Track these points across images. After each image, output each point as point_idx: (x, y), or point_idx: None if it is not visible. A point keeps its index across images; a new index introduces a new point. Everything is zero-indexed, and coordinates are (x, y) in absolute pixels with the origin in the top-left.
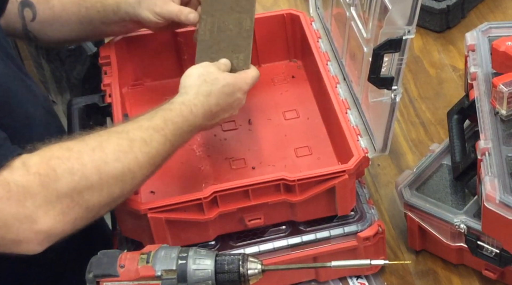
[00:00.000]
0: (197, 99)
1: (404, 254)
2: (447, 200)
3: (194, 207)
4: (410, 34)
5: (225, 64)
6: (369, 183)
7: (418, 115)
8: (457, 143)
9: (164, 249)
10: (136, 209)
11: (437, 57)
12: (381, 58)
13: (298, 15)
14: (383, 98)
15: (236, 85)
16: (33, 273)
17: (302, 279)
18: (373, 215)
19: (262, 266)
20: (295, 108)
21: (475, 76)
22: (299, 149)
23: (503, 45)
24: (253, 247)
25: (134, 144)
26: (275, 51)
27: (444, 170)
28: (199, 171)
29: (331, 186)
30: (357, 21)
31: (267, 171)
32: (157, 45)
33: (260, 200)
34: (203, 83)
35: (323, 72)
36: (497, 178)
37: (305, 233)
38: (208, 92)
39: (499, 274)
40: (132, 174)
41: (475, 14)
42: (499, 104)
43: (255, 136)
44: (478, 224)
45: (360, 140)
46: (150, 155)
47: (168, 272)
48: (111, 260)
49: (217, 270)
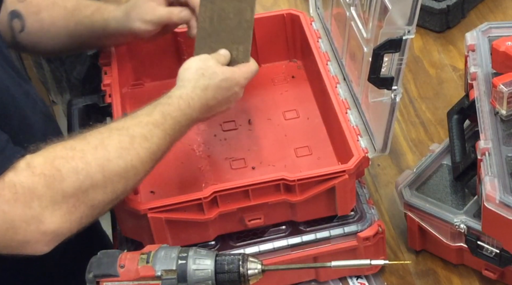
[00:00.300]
0: (194, 93)
1: (404, 254)
2: (447, 200)
3: (194, 207)
4: (410, 34)
5: (225, 56)
6: (369, 183)
7: (418, 115)
8: (457, 143)
9: (164, 249)
10: (136, 209)
11: (437, 57)
12: (381, 58)
13: (298, 15)
14: (383, 98)
15: (234, 80)
16: (32, 274)
17: (302, 279)
18: (373, 215)
19: (262, 266)
20: (295, 108)
21: (475, 76)
22: (299, 149)
23: (503, 45)
24: (253, 247)
25: (135, 141)
26: (275, 51)
27: (444, 170)
28: (199, 171)
29: (331, 186)
30: (357, 21)
31: (267, 171)
32: (157, 45)
33: (260, 200)
34: (201, 77)
35: (323, 72)
36: (497, 178)
37: (305, 233)
38: (205, 86)
39: (499, 274)
40: (134, 170)
41: (475, 14)
42: (499, 104)
43: (255, 136)
44: (478, 224)
45: (360, 140)
46: (151, 151)
47: (168, 272)
48: (111, 260)
49: (217, 270)
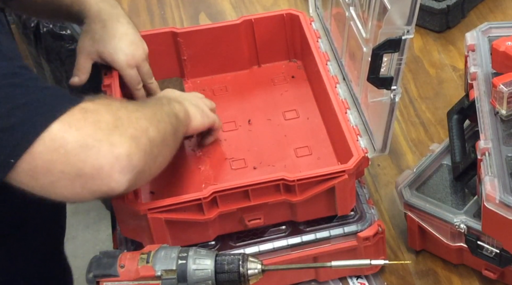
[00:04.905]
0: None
1: (404, 254)
2: (447, 200)
3: (194, 207)
4: (409, 34)
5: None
6: (369, 183)
7: (418, 115)
8: (457, 143)
9: (164, 249)
10: (136, 209)
11: (437, 57)
12: (380, 58)
13: (297, 15)
14: (383, 98)
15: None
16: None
17: (302, 279)
18: (373, 215)
19: (262, 266)
20: (295, 108)
21: (475, 76)
22: (299, 149)
23: (503, 45)
24: (253, 247)
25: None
26: (275, 51)
27: (444, 170)
28: (199, 171)
29: (331, 186)
30: (357, 21)
31: (267, 171)
32: (157, 45)
33: (260, 200)
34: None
35: (322, 72)
36: (497, 178)
37: (305, 233)
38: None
39: (499, 274)
40: (171, 130)
41: (475, 14)
42: (499, 104)
43: (255, 136)
44: (478, 224)
45: (360, 140)
46: (173, 130)
47: (168, 272)
48: (111, 260)
49: (217, 270)
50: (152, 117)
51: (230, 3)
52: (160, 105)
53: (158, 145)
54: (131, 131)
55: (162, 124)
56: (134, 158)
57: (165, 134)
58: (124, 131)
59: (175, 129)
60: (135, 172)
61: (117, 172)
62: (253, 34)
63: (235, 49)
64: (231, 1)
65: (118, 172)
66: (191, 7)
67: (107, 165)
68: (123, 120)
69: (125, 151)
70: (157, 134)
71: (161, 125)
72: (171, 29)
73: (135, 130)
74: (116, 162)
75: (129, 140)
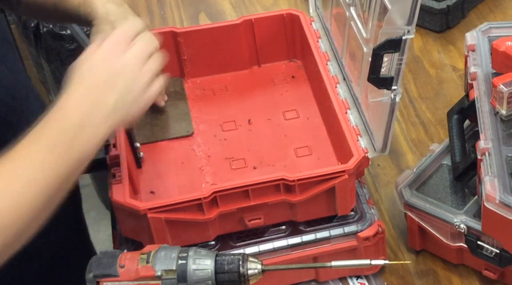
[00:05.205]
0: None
1: (404, 254)
2: (447, 200)
3: (194, 207)
4: (410, 34)
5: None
6: (369, 183)
7: (418, 115)
8: (457, 143)
9: (164, 249)
10: (136, 209)
11: (437, 57)
12: (380, 58)
13: (298, 15)
14: (383, 98)
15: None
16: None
17: (302, 279)
18: (373, 215)
19: (262, 266)
20: (295, 108)
21: (475, 76)
22: (299, 149)
23: (503, 45)
24: (253, 247)
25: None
26: (275, 51)
27: (444, 170)
28: (199, 171)
29: (331, 186)
30: (357, 21)
31: (267, 171)
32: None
33: (260, 200)
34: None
35: (323, 72)
36: (497, 178)
37: (305, 233)
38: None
39: (499, 274)
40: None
41: (475, 14)
42: (499, 104)
43: (255, 136)
44: (478, 224)
45: (360, 140)
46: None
47: (168, 272)
48: (111, 260)
49: (217, 270)
50: (22, 190)
51: (230, 3)
52: (48, 154)
53: (31, 220)
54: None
55: (40, 188)
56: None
57: (48, 194)
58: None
59: (69, 173)
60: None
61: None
62: (253, 34)
63: (235, 49)
64: (231, 1)
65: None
66: (191, 7)
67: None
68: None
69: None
70: (29, 211)
71: (39, 190)
72: (171, 29)
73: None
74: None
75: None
